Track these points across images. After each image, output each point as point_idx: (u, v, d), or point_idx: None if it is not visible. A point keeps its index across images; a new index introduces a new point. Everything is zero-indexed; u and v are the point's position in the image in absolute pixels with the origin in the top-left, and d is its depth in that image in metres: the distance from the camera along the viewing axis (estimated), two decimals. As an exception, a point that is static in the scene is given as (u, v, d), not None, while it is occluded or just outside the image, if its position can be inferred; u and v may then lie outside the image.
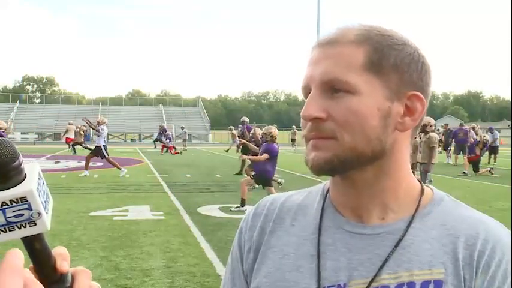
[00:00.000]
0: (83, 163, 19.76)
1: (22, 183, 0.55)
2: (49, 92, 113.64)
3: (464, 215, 0.82)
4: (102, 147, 14.53)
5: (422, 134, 9.47)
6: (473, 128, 20.21)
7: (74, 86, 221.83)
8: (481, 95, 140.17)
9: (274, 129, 9.26)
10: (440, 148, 24.51)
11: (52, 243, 0.54)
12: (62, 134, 30.59)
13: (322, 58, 0.80)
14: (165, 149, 28.32)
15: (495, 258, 0.76)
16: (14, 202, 0.54)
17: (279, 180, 12.23)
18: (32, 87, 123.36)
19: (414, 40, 0.84)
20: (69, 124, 29.41)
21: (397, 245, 0.80)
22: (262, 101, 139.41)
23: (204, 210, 8.91)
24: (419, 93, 0.81)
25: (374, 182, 0.82)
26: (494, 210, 8.64)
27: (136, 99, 78.57)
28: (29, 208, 0.54)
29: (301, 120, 0.82)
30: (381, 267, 0.79)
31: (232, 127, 33.14)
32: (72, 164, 19.44)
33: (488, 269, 0.75)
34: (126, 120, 53.13)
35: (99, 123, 14.68)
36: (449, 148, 23.03)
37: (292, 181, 13.36)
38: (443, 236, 0.79)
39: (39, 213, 0.55)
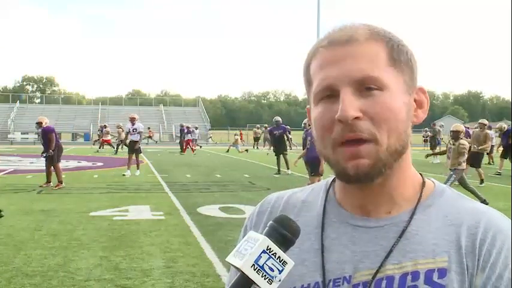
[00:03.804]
0: (83, 163, 19.79)
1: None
2: (49, 92, 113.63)
3: (466, 205, 0.84)
4: (136, 144, 14.98)
5: (453, 140, 9.69)
6: (469, 129, 20.64)
7: (74, 86, 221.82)
8: (481, 95, 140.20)
9: None
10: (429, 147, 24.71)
11: (52, 243, 0.55)
12: (100, 137, 31.60)
13: (345, 57, 0.79)
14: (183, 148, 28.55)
15: (496, 246, 0.77)
16: (279, 260, 0.71)
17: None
18: (32, 87, 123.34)
19: (414, 40, 0.85)
20: (106, 127, 30.91)
21: (401, 236, 0.81)
22: (262, 101, 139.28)
23: (204, 210, 8.91)
24: (423, 87, 0.85)
25: (388, 179, 0.82)
26: (494, 210, 8.63)
27: (136, 99, 78.57)
28: (280, 272, 0.71)
29: (321, 123, 0.80)
30: (386, 258, 0.80)
31: (259, 130, 33.64)
32: (72, 164, 19.42)
33: (490, 257, 0.76)
34: (126, 120, 53.11)
35: (132, 122, 15.11)
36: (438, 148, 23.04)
37: (292, 181, 13.36)
38: (446, 226, 0.81)
39: (280, 280, 0.71)
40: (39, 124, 12.19)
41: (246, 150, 29.17)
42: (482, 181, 13.31)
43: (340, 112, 0.76)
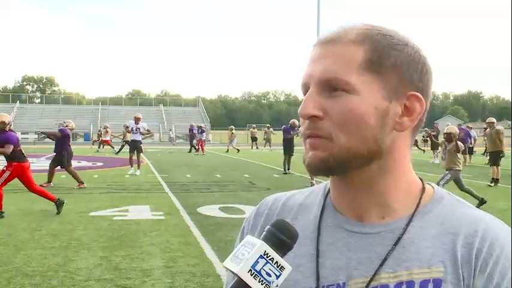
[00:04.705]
0: (83, 163, 19.77)
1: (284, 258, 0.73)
2: (49, 92, 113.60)
3: (464, 213, 0.82)
4: (137, 143, 15.11)
5: (447, 142, 9.75)
6: (470, 128, 20.82)
7: (74, 86, 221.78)
8: (481, 95, 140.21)
9: None
10: (428, 148, 24.73)
11: (52, 243, 0.55)
12: (100, 138, 31.60)
13: (322, 56, 0.80)
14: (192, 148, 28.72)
15: (493, 256, 0.75)
16: (276, 265, 0.70)
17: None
18: (32, 87, 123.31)
19: (415, 40, 0.83)
20: (106, 127, 30.85)
21: (396, 244, 0.79)
22: (262, 101, 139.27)
23: (204, 210, 8.91)
24: (418, 94, 0.81)
25: (373, 182, 0.82)
26: (494, 210, 8.62)
27: (136, 99, 78.65)
28: (277, 277, 0.70)
29: (300, 118, 0.82)
30: (380, 266, 0.78)
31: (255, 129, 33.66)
32: (73, 164, 19.36)
33: (486, 267, 0.75)
34: (126, 120, 53.03)
35: (136, 121, 15.20)
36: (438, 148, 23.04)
37: (293, 181, 13.35)
38: (443, 234, 0.79)
39: (277, 286, 0.70)
40: (61, 124, 13.17)
41: (237, 150, 29.18)
42: (493, 180, 13.58)
43: (299, 108, 0.80)
